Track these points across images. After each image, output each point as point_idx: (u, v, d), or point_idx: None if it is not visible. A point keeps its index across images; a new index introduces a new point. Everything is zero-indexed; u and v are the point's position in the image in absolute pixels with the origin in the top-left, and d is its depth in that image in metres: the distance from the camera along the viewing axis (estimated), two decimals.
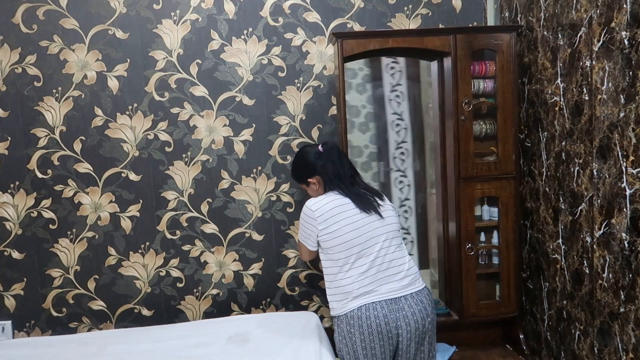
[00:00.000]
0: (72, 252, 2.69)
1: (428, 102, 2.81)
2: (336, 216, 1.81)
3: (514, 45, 2.34)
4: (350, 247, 1.79)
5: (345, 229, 1.80)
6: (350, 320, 1.76)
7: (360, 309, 1.75)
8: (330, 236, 1.81)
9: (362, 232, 1.80)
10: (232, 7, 2.64)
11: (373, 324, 1.74)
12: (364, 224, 1.81)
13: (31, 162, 2.63)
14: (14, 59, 2.58)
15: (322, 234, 1.83)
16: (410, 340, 1.76)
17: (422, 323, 1.77)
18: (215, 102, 2.67)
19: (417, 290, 1.81)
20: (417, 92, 2.89)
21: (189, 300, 2.76)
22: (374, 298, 1.77)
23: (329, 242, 1.82)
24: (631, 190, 1.66)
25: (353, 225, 1.80)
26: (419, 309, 1.78)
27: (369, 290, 1.77)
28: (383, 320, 1.73)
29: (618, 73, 1.69)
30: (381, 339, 1.74)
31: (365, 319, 1.74)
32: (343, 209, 1.83)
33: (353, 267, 1.79)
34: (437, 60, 2.54)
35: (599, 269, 1.87)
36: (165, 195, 2.70)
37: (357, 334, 1.75)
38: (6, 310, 2.70)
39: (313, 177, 1.95)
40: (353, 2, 2.66)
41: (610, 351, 1.83)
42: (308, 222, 1.86)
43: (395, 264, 1.82)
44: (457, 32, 2.35)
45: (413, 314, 1.76)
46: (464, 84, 2.35)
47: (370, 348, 1.75)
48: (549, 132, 2.20)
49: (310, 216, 1.85)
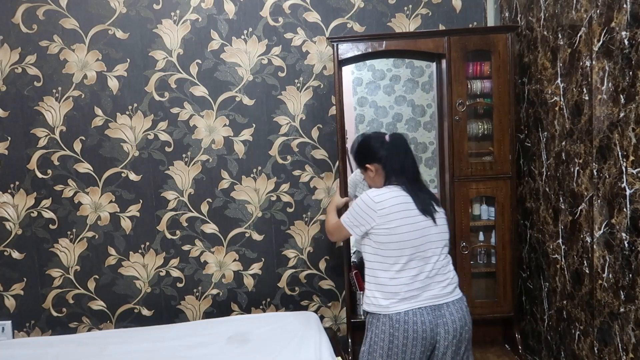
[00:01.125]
0: (72, 252, 2.69)
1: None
2: (398, 213, 1.77)
3: (511, 45, 2.34)
4: (404, 248, 1.76)
5: (403, 228, 1.76)
6: (395, 324, 1.75)
7: (407, 314, 1.75)
8: (387, 232, 1.77)
9: (419, 235, 1.77)
10: (232, 7, 2.64)
11: (419, 329, 1.74)
12: (422, 227, 1.78)
13: (31, 162, 2.63)
14: (14, 59, 2.58)
15: (379, 228, 1.78)
16: (447, 347, 1.76)
17: (460, 331, 1.77)
18: (215, 102, 2.67)
19: (458, 298, 1.81)
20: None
21: (189, 300, 2.76)
22: (419, 303, 1.76)
23: (384, 237, 1.78)
24: (631, 190, 1.66)
25: (412, 227, 1.77)
26: (459, 316, 1.78)
27: (415, 294, 1.76)
28: (428, 327, 1.74)
29: (618, 73, 1.69)
30: (423, 345, 1.75)
31: (412, 324, 1.74)
32: (406, 207, 1.78)
33: (404, 268, 1.77)
34: (436, 61, 2.55)
35: (599, 269, 1.87)
36: (165, 195, 2.70)
37: (401, 338, 1.75)
38: (6, 310, 2.70)
39: (372, 164, 1.89)
40: (353, 2, 2.67)
41: (610, 351, 1.83)
42: (365, 212, 1.81)
43: (442, 272, 1.80)
44: (451, 33, 2.36)
45: (453, 321, 1.76)
46: (458, 85, 2.37)
47: (411, 352, 1.75)
48: (549, 132, 2.20)
49: (370, 207, 1.79)
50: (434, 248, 1.79)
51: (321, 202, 2.74)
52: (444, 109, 2.48)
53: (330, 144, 2.70)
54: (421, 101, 2.88)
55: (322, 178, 2.73)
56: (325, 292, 2.79)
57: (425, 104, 2.89)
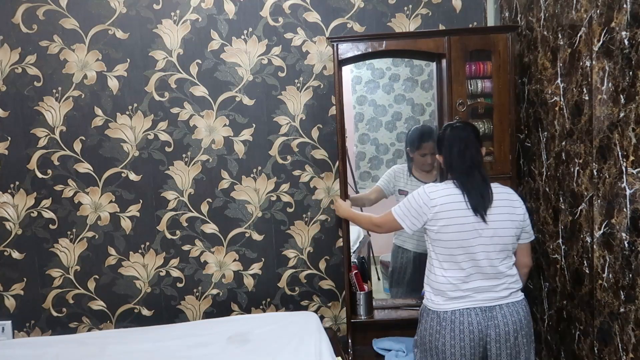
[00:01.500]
0: (72, 252, 2.69)
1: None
2: (447, 212, 1.78)
3: (511, 45, 2.34)
4: (453, 247, 1.77)
5: (452, 227, 1.77)
6: (442, 322, 1.77)
7: (454, 313, 1.76)
8: (437, 229, 1.79)
9: (469, 236, 1.76)
10: (232, 7, 2.64)
11: (466, 330, 1.74)
12: (472, 229, 1.76)
13: (31, 162, 2.63)
14: (14, 59, 2.59)
15: (431, 224, 1.80)
16: (500, 350, 1.75)
17: (515, 335, 1.75)
18: (215, 102, 2.67)
19: (514, 302, 1.79)
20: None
21: (189, 300, 2.76)
22: (469, 304, 1.76)
23: (435, 234, 1.80)
24: (631, 190, 1.66)
25: (461, 227, 1.77)
26: (513, 320, 1.76)
27: (464, 295, 1.77)
28: (476, 328, 1.74)
29: (618, 73, 1.69)
30: (472, 346, 1.75)
31: (458, 323, 1.75)
32: (456, 205, 1.78)
33: (454, 267, 1.78)
34: (436, 61, 2.54)
35: (599, 269, 1.87)
36: (165, 195, 2.70)
37: (448, 337, 1.76)
38: (6, 310, 2.70)
39: (439, 154, 1.90)
40: (353, 2, 2.66)
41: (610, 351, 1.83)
42: (419, 205, 1.82)
43: (498, 276, 1.79)
44: (451, 33, 2.35)
45: (505, 324, 1.75)
46: (458, 85, 2.36)
47: (461, 355, 1.75)
48: (549, 132, 2.20)
49: (425, 202, 1.81)
50: (485, 251, 1.77)
51: (321, 202, 2.74)
52: (444, 108, 2.48)
53: (330, 144, 2.70)
54: (420, 100, 2.89)
55: (322, 178, 2.73)
56: (325, 292, 2.79)
57: (424, 103, 2.89)
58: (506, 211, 1.82)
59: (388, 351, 2.40)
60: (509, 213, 1.83)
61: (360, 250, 2.84)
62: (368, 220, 2.09)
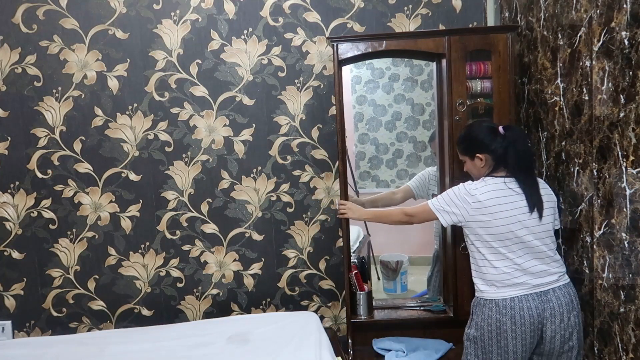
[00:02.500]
0: (72, 252, 2.69)
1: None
2: (493, 207, 1.84)
3: (511, 45, 2.34)
4: (501, 240, 1.84)
5: (499, 222, 1.83)
6: (502, 309, 1.83)
7: (514, 300, 1.82)
8: (482, 224, 1.85)
9: (518, 227, 1.83)
10: (232, 7, 2.64)
11: (526, 315, 1.80)
12: (520, 220, 1.84)
13: (31, 162, 2.63)
14: (14, 59, 2.59)
15: (473, 220, 1.86)
16: (555, 332, 1.82)
17: (568, 316, 1.83)
18: (215, 102, 2.67)
19: (564, 284, 1.88)
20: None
21: (189, 300, 2.76)
22: (525, 291, 1.83)
23: (480, 230, 1.86)
24: (631, 190, 1.66)
25: (509, 220, 1.83)
26: (566, 301, 1.84)
27: (519, 282, 1.83)
28: (535, 312, 1.80)
29: (618, 73, 1.69)
30: (532, 330, 1.81)
31: (518, 309, 1.81)
32: (505, 200, 1.84)
33: (503, 258, 1.85)
34: (436, 61, 2.54)
35: (599, 269, 1.87)
36: (165, 195, 2.70)
37: (509, 324, 1.81)
38: (6, 310, 2.70)
39: (483, 153, 1.94)
40: (353, 2, 2.66)
41: (610, 351, 1.83)
42: (460, 201, 1.88)
43: (546, 262, 1.86)
44: (451, 33, 2.35)
45: (560, 305, 1.82)
46: (458, 85, 2.36)
47: (521, 338, 1.81)
48: (548, 132, 2.20)
49: (466, 198, 1.87)
50: (536, 238, 1.85)
51: (321, 202, 2.74)
52: (444, 108, 2.48)
53: (330, 144, 2.70)
54: (420, 99, 2.90)
55: (322, 178, 2.73)
56: (325, 292, 2.79)
57: (424, 102, 2.90)
58: (549, 204, 1.92)
59: (388, 351, 2.39)
60: (549, 200, 1.93)
61: (360, 250, 2.84)
62: (401, 211, 2.10)
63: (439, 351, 2.36)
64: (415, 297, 2.78)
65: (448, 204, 1.91)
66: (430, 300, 2.65)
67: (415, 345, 2.40)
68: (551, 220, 1.92)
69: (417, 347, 2.38)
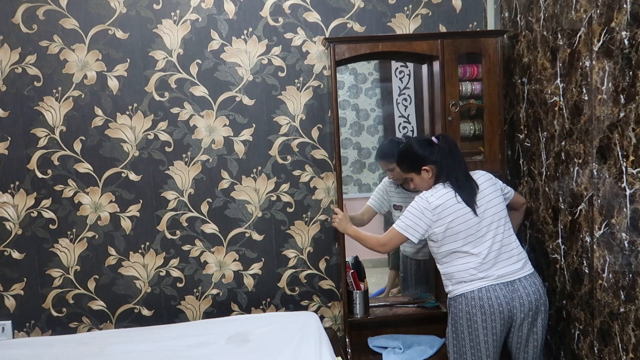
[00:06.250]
0: (72, 252, 2.69)
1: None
2: (451, 207, 1.94)
3: (500, 49, 2.42)
4: (458, 239, 1.94)
5: (457, 220, 1.93)
6: (470, 302, 1.91)
7: (481, 291, 1.90)
8: (444, 227, 1.94)
9: (471, 224, 1.93)
10: (232, 7, 2.64)
11: (495, 304, 1.89)
12: (471, 218, 1.93)
13: (31, 162, 2.63)
14: (14, 59, 2.58)
15: (436, 226, 1.95)
16: (524, 319, 1.91)
17: (536, 304, 1.93)
18: (215, 102, 2.67)
19: (530, 273, 1.98)
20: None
21: (189, 300, 2.76)
22: (491, 281, 1.91)
23: (441, 234, 1.95)
24: (631, 190, 1.66)
25: (463, 218, 1.93)
26: (533, 290, 1.94)
27: (484, 275, 1.91)
28: (504, 301, 1.88)
29: (618, 73, 1.69)
30: (501, 319, 1.89)
31: (486, 299, 1.89)
32: (455, 200, 1.95)
33: (467, 254, 1.94)
34: (427, 64, 2.59)
35: (598, 268, 1.87)
36: (165, 195, 2.70)
37: (479, 314, 1.89)
38: (6, 310, 2.70)
39: (428, 165, 2.03)
40: (353, 2, 2.67)
41: (610, 351, 1.83)
42: (423, 214, 1.96)
43: (506, 249, 1.96)
44: (444, 36, 2.43)
45: (528, 295, 1.92)
46: (451, 87, 2.43)
47: (492, 327, 1.89)
48: (548, 132, 2.20)
49: (427, 208, 1.96)
50: (493, 229, 1.95)
51: (321, 202, 2.74)
52: (436, 109, 2.53)
53: (330, 144, 2.70)
54: (365, 105, 2.98)
55: (322, 178, 2.73)
56: (325, 292, 2.79)
57: (369, 108, 2.99)
58: (492, 188, 2.04)
59: (384, 349, 2.41)
60: (492, 185, 2.05)
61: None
62: (375, 240, 2.15)
63: (434, 347, 2.42)
64: (373, 296, 2.80)
65: (412, 219, 1.98)
66: (423, 297, 2.72)
67: (409, 342, 2.45)
68: (502, 208, 2.01)
69: (411, 344, 2.43)
